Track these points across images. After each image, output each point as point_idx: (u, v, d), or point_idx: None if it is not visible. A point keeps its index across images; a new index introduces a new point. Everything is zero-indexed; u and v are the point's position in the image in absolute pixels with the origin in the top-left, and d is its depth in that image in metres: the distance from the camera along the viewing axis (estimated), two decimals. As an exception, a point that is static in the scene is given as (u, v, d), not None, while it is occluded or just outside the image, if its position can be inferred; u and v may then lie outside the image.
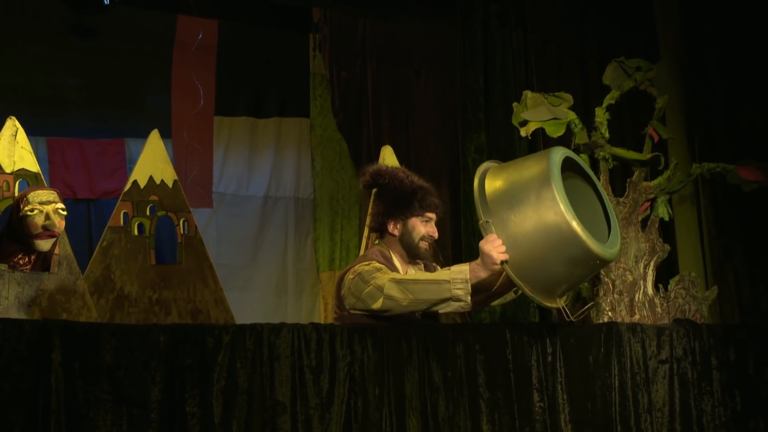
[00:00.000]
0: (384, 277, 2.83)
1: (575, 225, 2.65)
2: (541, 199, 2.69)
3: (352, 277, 2.91)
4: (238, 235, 5.67)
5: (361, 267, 2.93)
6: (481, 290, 2.99)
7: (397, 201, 3.07)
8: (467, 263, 2.78)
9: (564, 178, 2.82)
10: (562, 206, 2.66)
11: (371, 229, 3.26)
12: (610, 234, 2.87)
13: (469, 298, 2.72)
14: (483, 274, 2.72)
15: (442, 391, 2.66)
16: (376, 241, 3.18)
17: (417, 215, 3.06)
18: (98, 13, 5.31)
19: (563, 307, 2.86)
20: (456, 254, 5.13)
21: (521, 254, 2.71)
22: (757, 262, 4.79)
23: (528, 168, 2.82)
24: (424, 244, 3.08)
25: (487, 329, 2.96)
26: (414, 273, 3.06)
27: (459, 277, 2.72)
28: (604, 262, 2.80)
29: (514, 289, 2.99)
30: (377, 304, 2.79)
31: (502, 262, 2.69)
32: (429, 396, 2.64)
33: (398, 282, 2.80)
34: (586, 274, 2.90)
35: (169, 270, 4.33)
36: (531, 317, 4.65)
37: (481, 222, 2.76)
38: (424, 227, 3.07)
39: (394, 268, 2.99)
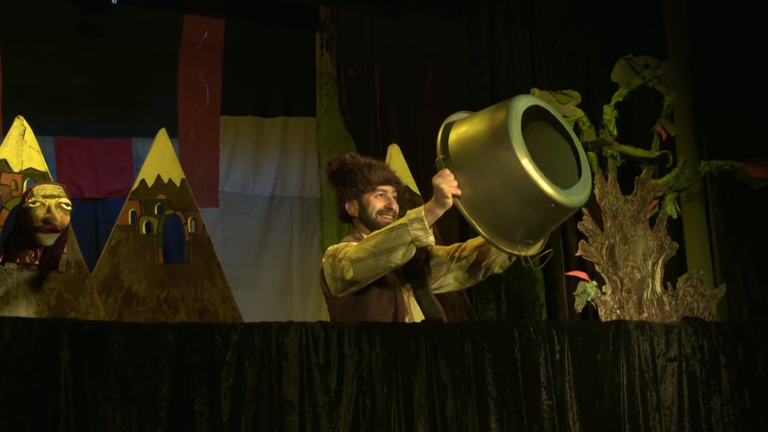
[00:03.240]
0: (350, 248, 2.85)
1: (525, 162, 2.55)
2: (495, 137, 2.61)
3: (325, 260, 2.95)
4: (244, 235, 5.68)
5: (332, 249, 2.97)
6: (477, 261, 3.04)
7: (346, 182, 3.10)
8: (422, 205, 2.77)
9: (537, 128, 2.76)
10: (514, 143, 2.56)
11: (340, 219, 3.28)
12: (578, 182, 2.74)
13: (431, 237, 2.72)
14: (438, 211, 2.70)
15: (450, 390, 2.66)
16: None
17: (368, 191, 3.07)
18: (105, 13, 5.33)
19: (525, 257, 2.75)
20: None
21: (474, 191, 2.65)
22: (766, 260, 4.78)
23: (490, 112, 2.75)
24: (384, 218, 3.05)
25: (495, 328, 2.95)
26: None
27: (415, 218, 2.71)
28: (562, 208, 2.65)
29: (509, 255, 2.93)
30: (350, 274, 2.80)
31: (453, 197, 2.65)
32: (437, 394, 2.63)
33: (361, 243, 2.82)
34: (544, 218, 2.72)
35: (177, 269, 4.34)
36: (538, 315, 4.65)
37: (437, 159, 2.71)
38: (379, 201, 3.07)
39: None
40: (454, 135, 2.75)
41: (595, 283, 3.75)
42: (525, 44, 4.97)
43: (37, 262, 3.47)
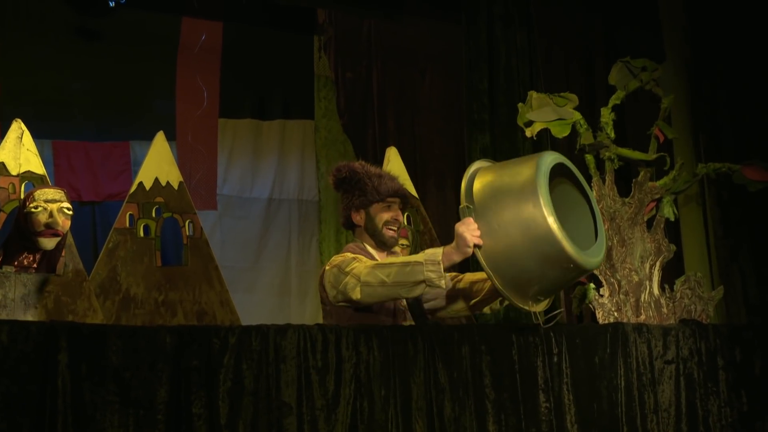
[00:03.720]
0: (360, 266, 2.83)
1: (551, 221, 2.60)
2: (523, 193, 2.65)
3: (329, 268, 2.93)
4: (242, 238, 5.67)
5: (338, 258, 2.95)
6: (468, 296, 3.05)
7: (355, 191, 3.09)
8: (442, 246, 2.76)
9: (558, 184, 2.81)
10: (541, 200, 2.61)
11: (343, 226, 3.28)
12: (595, 245, 2.80)
13: (443, 281, 2.69)
14: (456, 258, 2.69)
15: (448, 392, 2.66)
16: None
17: (376, 201, 3.06)
18: (103, 16, 5.33)
19: (535, 313, 2.78)
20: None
21: (495, 243, 2.66)
22: (764, 262, 4.78)
23: (517, 165, 2.79)
24: (389, 232, 3.07)
25: (493, 330, 2.96)
26: (389, 258, 3.03)
27: (431, 259, 2.69)
28: (580, 269, 2.70)
29: (500, 299, 2.96)
30: (356, 294, 2.79)
31: (474, 246, 2.65)
32: (435, 397, 2.64)
33: (374, 268, 2.79)
34: (560, 277, 2.78)
35: (175, 271, 4.34)
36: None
37: (461, 206, 2.72)
38: (386, 213, 3.07)
39: (371, 258, 3.00)
40: (479, 184, 2.76)
41: (592, 285, 3.75)
42: (523, 47, 4.97)
43: (35, 266, 3.47)
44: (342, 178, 3.13)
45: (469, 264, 3.88)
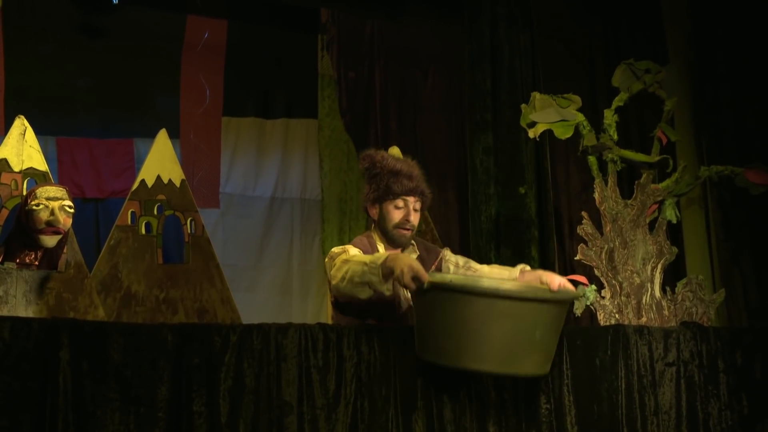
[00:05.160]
0: (344, 256, 2.78)
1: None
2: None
3: (327, 260, 2.90)
4: (244, 236, 5.68)
5: (331, 251, 2.91)
6: None
7: (372, 184, 3.02)
8: (390, 252, 2.69)
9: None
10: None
11: (363, 212, 3.19)
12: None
13: (384, 287, 2.58)
14: (393, 273, 2.52)
15: (449, 393, 2.66)
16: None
17: (389, 200, 2.98)
18: (107, 13, 5.34)
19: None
20: (464, 255, 5.13)
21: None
22: (765, 266, 4.78)
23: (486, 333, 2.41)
24: (400, 232, 2.97)
25: (494, 331, 2.95)
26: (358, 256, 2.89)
27: (374, 263, 2.59)
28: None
29: None
30: (333, 289, 2.78)
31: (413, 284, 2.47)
32: (435, 397, 2.64)
33: (342, 264, 2.72)
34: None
35: (176, 269, 4.34)
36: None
37: (430, 280, 2.44)
38: (397, 213, 2.98)
39: (374, 252, 2.94)
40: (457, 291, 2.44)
41: (594, 287, 3.75)
42: (526, 47, 4.96)
43: (36, 263, 3.47)
44: (365, 168, 3.05)
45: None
